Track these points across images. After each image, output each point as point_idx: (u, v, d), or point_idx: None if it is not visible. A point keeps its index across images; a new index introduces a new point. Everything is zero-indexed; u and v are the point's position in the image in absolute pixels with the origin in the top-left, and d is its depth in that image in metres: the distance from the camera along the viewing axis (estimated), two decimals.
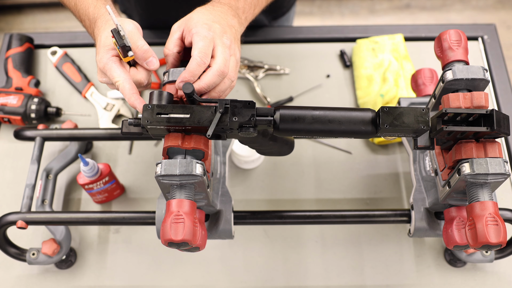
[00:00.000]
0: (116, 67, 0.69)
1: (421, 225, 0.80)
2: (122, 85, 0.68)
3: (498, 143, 0.66)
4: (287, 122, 0.64)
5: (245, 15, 0.79)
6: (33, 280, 0.93)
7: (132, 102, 0.68)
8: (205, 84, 0.68)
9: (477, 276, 0.92)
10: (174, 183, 0.64)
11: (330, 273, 0.93)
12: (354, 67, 1.14)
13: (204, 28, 0.69)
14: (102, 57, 0.69)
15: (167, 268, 0.94)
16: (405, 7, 2.52)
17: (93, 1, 0.76)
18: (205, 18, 0.71)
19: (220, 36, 0.70)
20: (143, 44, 0.69)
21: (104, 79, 0.71)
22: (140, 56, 0.70)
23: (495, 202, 0.64)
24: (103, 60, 0.69)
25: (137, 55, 0.69)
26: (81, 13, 0.79)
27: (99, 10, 0.74)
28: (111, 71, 0.68)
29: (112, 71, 0.68)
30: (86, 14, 0.77)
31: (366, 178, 1.02)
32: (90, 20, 0.76)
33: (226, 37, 0.70)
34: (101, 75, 0.71)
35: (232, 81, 0.71)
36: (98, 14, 0.74)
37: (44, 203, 0.93)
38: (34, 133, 0.97)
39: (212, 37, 0.69)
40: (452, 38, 0.74)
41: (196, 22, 0.70)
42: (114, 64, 0.69)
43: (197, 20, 0.70)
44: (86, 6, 0.77)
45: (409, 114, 0.63)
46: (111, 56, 0.69)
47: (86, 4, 0.77)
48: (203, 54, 0.67)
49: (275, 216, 0.85)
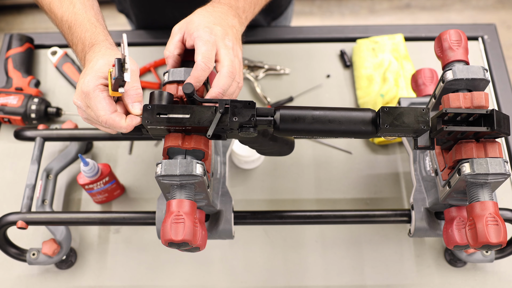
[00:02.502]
0: (103, 97, 0.65)
1: (421, 225, 0.80)
2: (109, 118, 0.65)
3: (498, 143, 0.66)
4: (287, 122, 0.64)
5: (246, 15, 0.79)
6: (33, 280, 0.93)
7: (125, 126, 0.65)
8: (221, 89, 0.67)
9: (477, 276, 0.92)
10: (174, 183, 0.64)
11: (330, 273, 0.93)
12: (354, 67, 1.14)
13: (206, 32, 0.69)
14: (89, 81, 0.65)
15: (167, 268, 0.94)
16: (405, 7, 2.52)
17: (91, 27, 0.74)
18: (206, 20, 0.71)
19: (222, 39, 0.69)
20: (139, 87, 0.67)
21: (81, 104, 0.67)
22: (131, 96, 0.66)
23: (495, 202, 0.64)
24: (90, 85, 0.65)
25: (129, 94, 0.66)
26: (75, 36, 0.75)
27: (97, 37, 0.72)
28: (96, 100, 0.65)
29: (98, 101, 0.65)
30: (81, 39, 0.74)
31: (366, 178, 1.02)
32: (85, 44, 0.73)
33: (228, 39, 0.70)
34: (81, 98, 0.67)
35: (239, 82, 0.71)
36: (96, 40, 0.72)
37: (44, 203, 0.93)
38: (34, 133, 0.97)
39: (215, 41, 0.69)
40: (452, 38, 0.74)
41: (197, 26, 0.70)
42: (101, 93, 0.65)
43: (198, 23, 0.70)
44: (83, 30, 0.74)
45: (409, 114, 0.63)
46: (100, 84, 0.65)
47: (83, 28, 0.74)
48: (207, 59, 0.67)
49: (275, 216, 0.85)
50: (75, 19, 0.75)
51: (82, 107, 0.68)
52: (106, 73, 0.66)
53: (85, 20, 0.75)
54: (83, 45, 0.73)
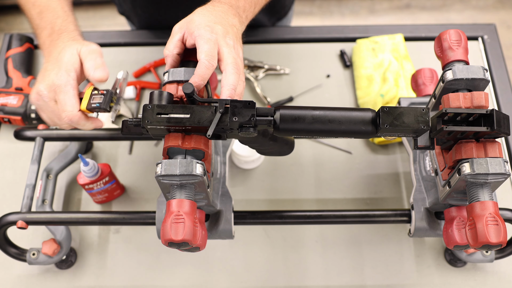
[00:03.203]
0: (73, 95, 0.69)
1: (421, 225, 0.80)
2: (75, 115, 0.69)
3: (498, 143, 0.66)
4: (287, 122, 0.64)
5: (246, 14, 0.79)
6: (33, 280, 0.93)
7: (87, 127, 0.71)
8: (232, 85, 0.67)
9: (477, 276, 0.92)
10: (174, 183, 0.64)
11: (330, 273, 0.93)
12: (354, 67, 1.14)
13: (207, 31, 0.69)
14: (62, 75, 0.69)
15: (167, 268, 0.94)
16: (405, 7, 2.52)
17: (63, 14, 0.76)
18: (207, 19, 0.71)
19: (223, 37, 0.69)
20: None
21: (47, 94, 0.70)
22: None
23: (495, 202, 0.64)
24: (63, 79, 0.68)
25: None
26: (44, 20, 0.78)
27: (68, 25, 0.75)
28: (67, 96, 0.69)
29: (68, 97, 0.69)
30: (51, 23, 0.76)
31: (366, 178, 1.02)
32: (54, 30, 0.75)
33: (229, 37, 0.70)
34: (49, 89, 0.70)
35: (243, 81, 0.71)
36: (67, 28, 0.74)
37: (44, 203, 0.93)
38: (34, 133, 0.97)
39: (216, 39, 0.69)
40: (452, 38, 0.74)
41: (198, 25, 0.70)
42: (72, 90, 0.69)
43: (198, 22, 0.70)
44: (54, 16, 0.77)
45: (409, 114, 0.63)
46: (72, 80, 0.69)
47: (55, 14, 0.77)
48: (210, 57, 0.67)
49: (275, 216, 0.85)
50: (48, 5, 0.78)
51: (46, 98, 0.70)
52: (75, 68, 0.69)
53: (59, 7, 0.77)
54: (52, 30, 0.75)
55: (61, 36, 0.73)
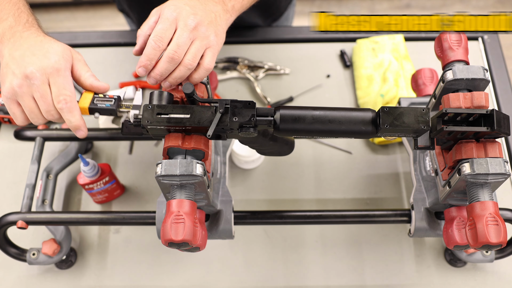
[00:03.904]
0: (71, 80, 0.68)
1: (422, 225, 0.80)
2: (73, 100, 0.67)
3: (498, 143, 0.66)
4: (287, 122, 0.64)
5: (232, 3, 0.77)
6: (33, 280, 0.93)
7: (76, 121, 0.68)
8: (159, 72, 0.67)
9: (477, 276, 0.92)
10: (174, 183, 0.64)
11: (330, 273, 0.93)
12: (354, 67, 1.14)
13: (170, 9, 0.67)
14: (60, 60, 0.67)
15: (167, 268, 0.94)
16: (405, 7, 2.52)
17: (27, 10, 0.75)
18: (180, 1, 0.69)
19: (185, 18, 0.67)
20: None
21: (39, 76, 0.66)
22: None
23: (495, 202, 0.64)
24: (62, 64, 0.67)
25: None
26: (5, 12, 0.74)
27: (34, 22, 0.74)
28: (65, 80, 0.67)
29: (67, 81, 0.67)
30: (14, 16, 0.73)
31: (366, 178, 1.02)
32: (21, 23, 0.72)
33: (192, 18, 0.67)
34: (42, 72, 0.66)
35: (190, 69, 0.68)
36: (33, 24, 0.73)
37: (44, 203, 0.93)
38: (34, 133, 0.97)
39: (175, 19, 0.67)
40: (452, 38, 0.74)
41: (167, 4, 0.68)
42: (70, 76, 0.68)
43: (170, 3, 0.69)
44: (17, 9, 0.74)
45: (409, 114, 0.63)
46: (69, 70, 0.68)
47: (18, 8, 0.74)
48: (158, 38, 0.66)
49: (275, 216, 0.85)
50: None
51: (38, 81, 0.66)
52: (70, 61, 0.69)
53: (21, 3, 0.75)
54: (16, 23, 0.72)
55: (31, 29, 0.71)
